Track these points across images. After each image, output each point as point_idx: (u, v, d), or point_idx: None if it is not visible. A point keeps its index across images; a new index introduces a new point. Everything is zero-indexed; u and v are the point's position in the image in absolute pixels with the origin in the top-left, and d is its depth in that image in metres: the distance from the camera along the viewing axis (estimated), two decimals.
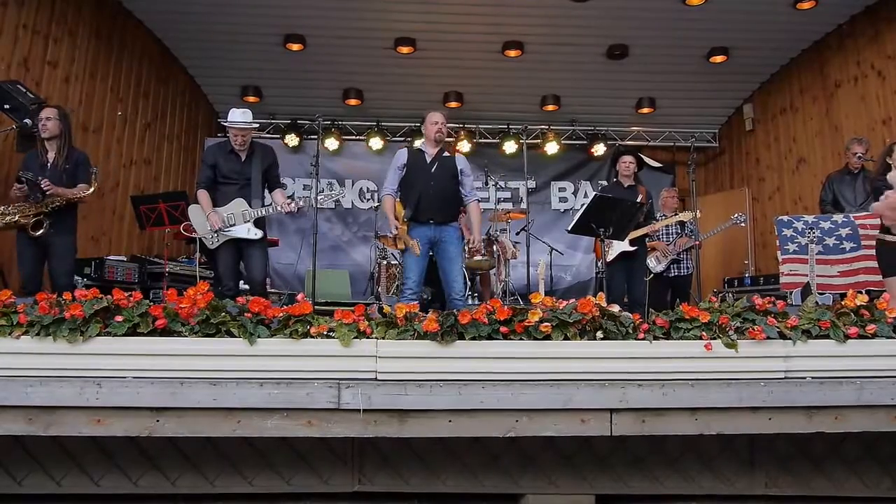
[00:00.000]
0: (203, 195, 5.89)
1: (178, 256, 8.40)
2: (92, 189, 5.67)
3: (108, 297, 3.69)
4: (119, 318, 3.62)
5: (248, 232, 5.80)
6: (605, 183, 10.79)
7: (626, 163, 7.21)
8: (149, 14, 8.80)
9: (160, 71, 9.51)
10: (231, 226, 5.80)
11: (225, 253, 5.85)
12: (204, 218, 5.85)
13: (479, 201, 6.07)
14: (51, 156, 5.71)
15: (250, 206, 5.83)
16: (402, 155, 5.97)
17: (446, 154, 6.05)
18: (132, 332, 3.62)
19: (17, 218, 5.46)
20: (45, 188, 5.48)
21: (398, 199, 5.89)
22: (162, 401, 3.43)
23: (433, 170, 5.87)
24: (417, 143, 10.02)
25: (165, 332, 3.65)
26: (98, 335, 3.59)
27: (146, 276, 7.43)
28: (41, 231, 5.47)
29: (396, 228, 5.69)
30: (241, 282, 6.46)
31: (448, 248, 5.75)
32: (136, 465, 3.75)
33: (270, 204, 5.93)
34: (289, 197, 6.25)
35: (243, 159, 5.96)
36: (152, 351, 3.59)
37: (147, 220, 6.93)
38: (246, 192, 5.87)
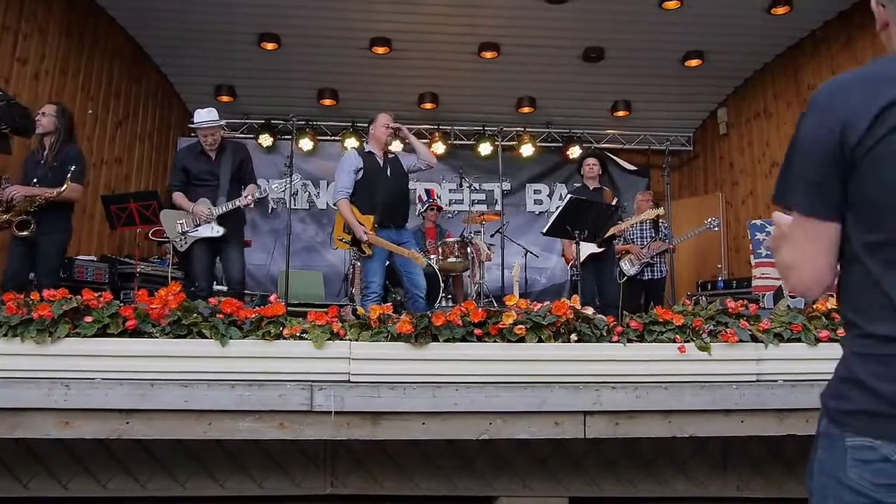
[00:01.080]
0: (179, 196, 5.87)
1: (149, 257, 8.30)
2: (65, 188, 5.52)
3: (78, 297, 3.65)
4: (88, 319, 3.58)
5: (212, 230, 5.76)
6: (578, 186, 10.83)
7: (591, 165, 7.28)
8: (121, 11, 8.70)
9: (132, 69, 9.40)
10: (196, 226, 5.77)
11: (198, 253, 5.82)
12: (173, 221, 5.83)
13: None
14: (46, 153, 5.64)
15: (214, 205, 5.80)
16: (354, 158, 5.88)
17: (391, 155, 6.03)
18: (102, 332, 3.58)
19: (6, 217, 5.40)
20: (4, 188, 5.41)
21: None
22: (132, 402, 3.39)
23: (388, 173, 5.84)
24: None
25: (136, 333, 3.62)
26: (67, 336, 3.55)
27: (117, 276, 7.34)
28: (27, 231, 5.39)
29: (366, 234, 5.61)
30: (215, 283, 6.41)
31: (410, 249, 5.80)
32: (105, 467, 3.71)
33: (231, 200, 5.87)
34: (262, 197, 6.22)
35: (213, 158, 5.93)
36: (122, 352, 3.55)
37: (118, 219, 6.84)
38: (214, 192, 5.84)
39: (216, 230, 5.76)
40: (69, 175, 5.54)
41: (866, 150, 1.41)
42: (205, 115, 5.90)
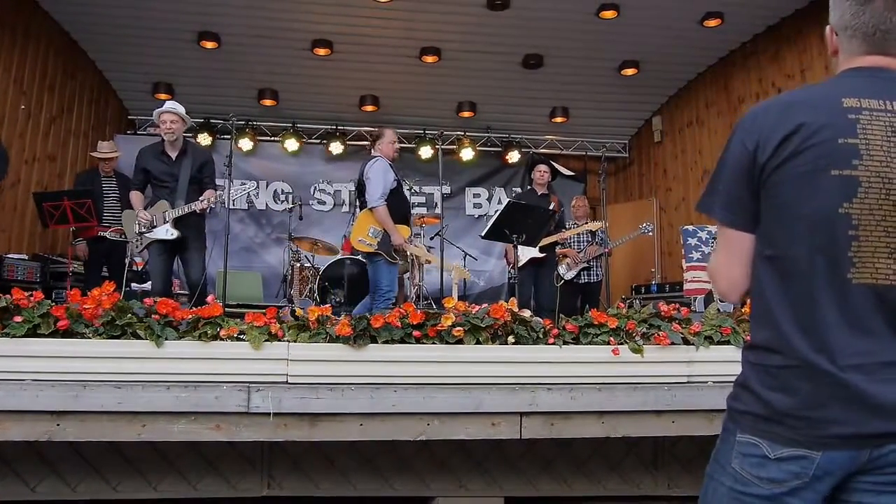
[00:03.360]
0: (135, 195, 5.90)
1: (82, 256, 8.10)
2: None
3: (7, 296, 3.57)
4: (18, 319, 3.50)
5: (167, 233, 5.73)
6: (518, 190, 10.94)
7: (542, 172, 7.39)
8: (55, 4, 8.47)
9: (67, 64, 9.15)
10: (152, 227, 5.74)
11: (154, 256, 5.82)
12: (132, 220, 5.83)
13: None
14: None
15: (172, 207, 5.76)
16: (390, 169, 6.09)
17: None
18: (32, 333, 3.51)
19: None
20: None
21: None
22: (63, 404, 3.33)
23: (404, 190, 6.32)
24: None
25: (68, 333, 3.55)
26: None
27: (49, 275, 7.17)
28: None
29: (405, 242, 5.89)
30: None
31: None
32: (34, 470, 3.64)
33: (187, 203, 5.82)
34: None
35: (174, 159, 5.90)
36: (53, 353, 3.48)
37: (50, 217, 6.66)
38: (173, 194, 5.81)
39: (170, 233, 5.73)
40: None
41: (771, 171, 1.58)
42: (169, 104, 5.94)
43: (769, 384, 1.58)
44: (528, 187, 7.64)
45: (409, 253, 6.09)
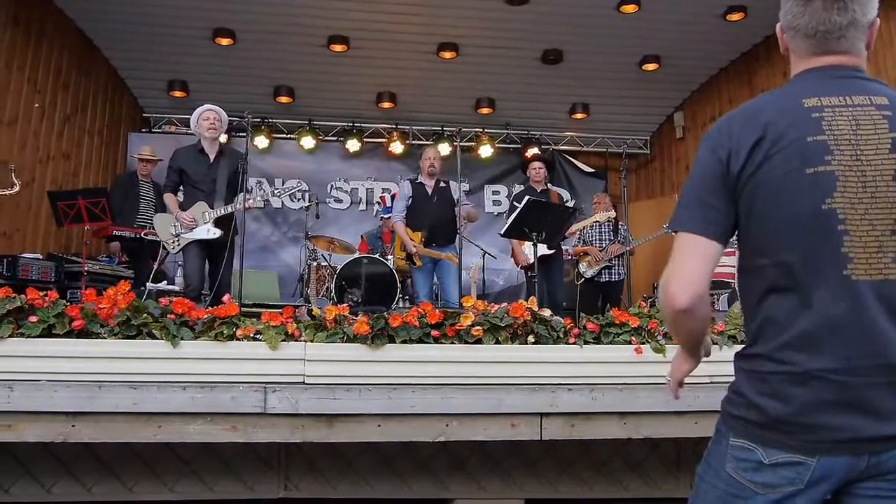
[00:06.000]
0: (170, 198, 5.98)
1: (97, 255, 8.10)
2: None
3: (22, 296, 3.54)
4: (33, 319, 3.48)
5: (208, 232, 5.79)
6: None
7: (536, 168, 7.36)
8: (70, 2, 8.48)
9: (82, 62, 9.15)
10: (191, 228, 5.81)
11: (191, 255, 5.87)
12: (166, 223, 5.89)
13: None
14: None
15: (211, 209, 5.83)
16: (406, 188, 6.97)
17: (443, 184, 6.92)
18: (47, 333, 3.49)
19: None
20: None
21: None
22: (78, 405, 3.31)
23: (434, 201, 6.81)
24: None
25: (83, 333, 3.52)
26: (10, 336, 3.44)
27: (63, 275, 7.14)
28: None
29: (415, 247, 6.61)
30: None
31: (446, 265, 6.70)
32: (49, 471, 3.62)
33: (231, 203, 5.85)
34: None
35: (211, 162, 5.95)
36: (69, 353, 3.46)
37: (65, 216, 6.65)
38: (211, 196, 5.86)
39: (212, 232, 5.80)
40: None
41: (747, 179, 1.57)
42: (206, 106, 6.06)
43: (763, 390, 1.56)
44: (527, 185, 7.59)
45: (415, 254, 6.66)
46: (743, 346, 1.70)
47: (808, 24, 1.63)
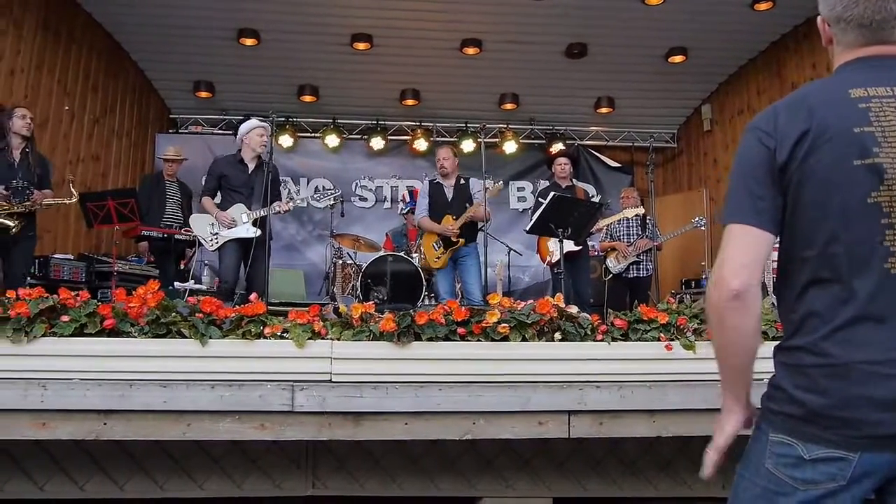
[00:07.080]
0: (208, 200, 6.25)
1: (127, 255, 8.19)
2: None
3: (54, 296, 3.58)
4: (65, 318, 3.52)
5: (248, 231, 6.03)
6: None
7: (562, 164, 7.35)
8: (98, 6, 8.57)
9: (110, 65, 9.26)
10: (230, 227, 6.07)
11: (228, 253, 6.11)
12: (204, 222, 6.21)
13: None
14: (16, 155, 5.72)
15: (250, 210, 6.08)
16: (425, 187, 7.15)
17: (463, 182, 6.98)
18: (79, 332, 3.52)
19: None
20: (34, 198, 5.71)
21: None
22: (110, 403, 3.34)
23: (451, 199, 6.89)
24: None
25: (114, 332, 3.56)
26: (43, 335, 3.48)
27: (94, 275, 7.24)
28: (13, 231, 5.50)
29: (451, 226, 6.67)
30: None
31: (467, 263, 6.80)
32: (82, 469, 3.65)
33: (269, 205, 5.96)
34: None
35: (250, 171, 6.20)
36: (100, 352, 3.48)
37: (95, 217, 6.72)
38: (248, 199, 6.13)
39: (251, 231, 6.02)
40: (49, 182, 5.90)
41: (793, 171, 1.55)
42: (256, 120, 6.32)
43: (803, 384, 1.55)
44: (552, 180, 7.55)
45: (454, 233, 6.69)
46: (780, 339, 1.67)
47: (864, 13, 1.60)
